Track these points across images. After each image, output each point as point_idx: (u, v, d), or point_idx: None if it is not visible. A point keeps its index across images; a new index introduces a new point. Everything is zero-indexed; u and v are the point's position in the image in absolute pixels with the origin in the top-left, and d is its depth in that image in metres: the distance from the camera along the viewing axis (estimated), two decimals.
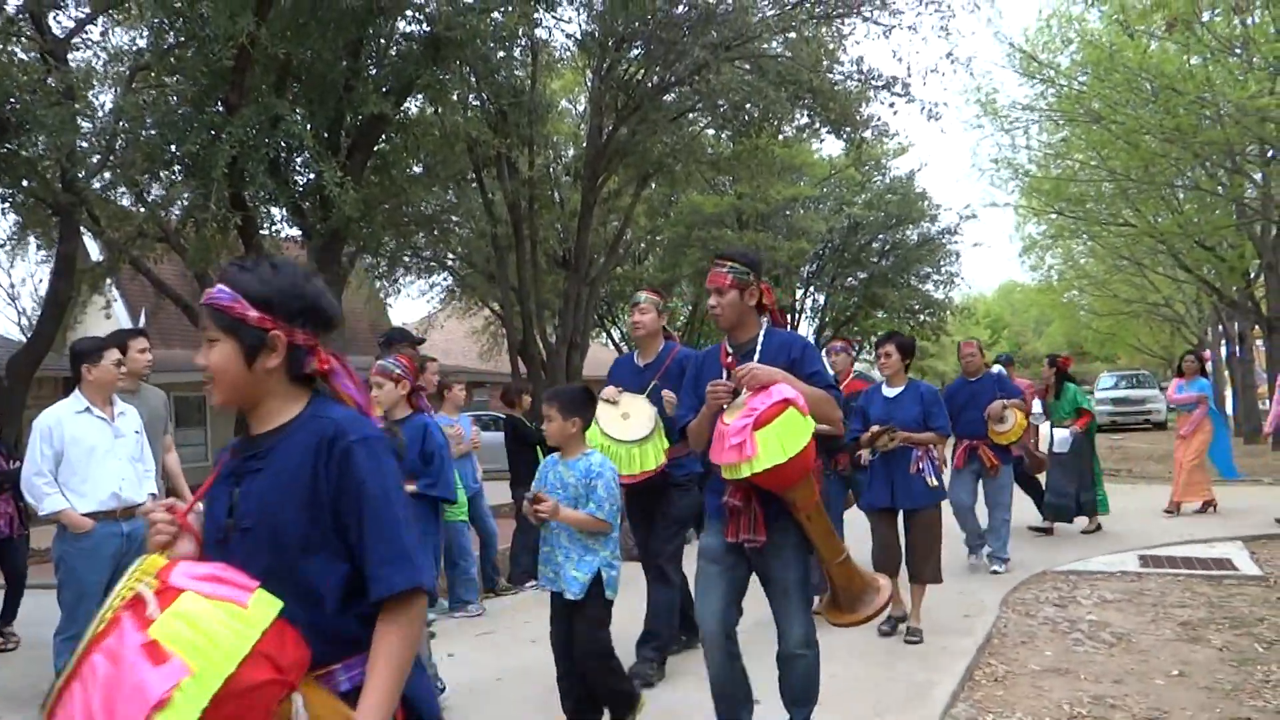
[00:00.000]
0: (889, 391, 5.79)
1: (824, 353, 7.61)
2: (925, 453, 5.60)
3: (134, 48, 11.43)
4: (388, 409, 4.36)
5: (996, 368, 8.40)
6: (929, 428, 5.64)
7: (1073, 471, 8.84)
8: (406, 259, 19.16)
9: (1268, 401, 19.93)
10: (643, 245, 24.00)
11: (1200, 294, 24.08)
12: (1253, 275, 19.58)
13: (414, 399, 4.44)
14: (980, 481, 7.58)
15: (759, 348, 3.59)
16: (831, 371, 7.65)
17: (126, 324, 15.38)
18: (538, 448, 7.87)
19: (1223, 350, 26.39)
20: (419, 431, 4.25)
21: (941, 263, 28.01)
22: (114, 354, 4.61)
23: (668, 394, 4.90)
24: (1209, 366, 10.48)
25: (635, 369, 5.17)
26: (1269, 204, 16.37)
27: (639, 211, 19.54)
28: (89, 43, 11.88)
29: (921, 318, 28.26)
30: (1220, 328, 25.43)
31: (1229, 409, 26.16)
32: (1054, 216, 20.46)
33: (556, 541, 3.92)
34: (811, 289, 28.87)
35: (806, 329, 29.23)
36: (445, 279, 21.74)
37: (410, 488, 3.95)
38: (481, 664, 5.34)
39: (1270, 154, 15.07)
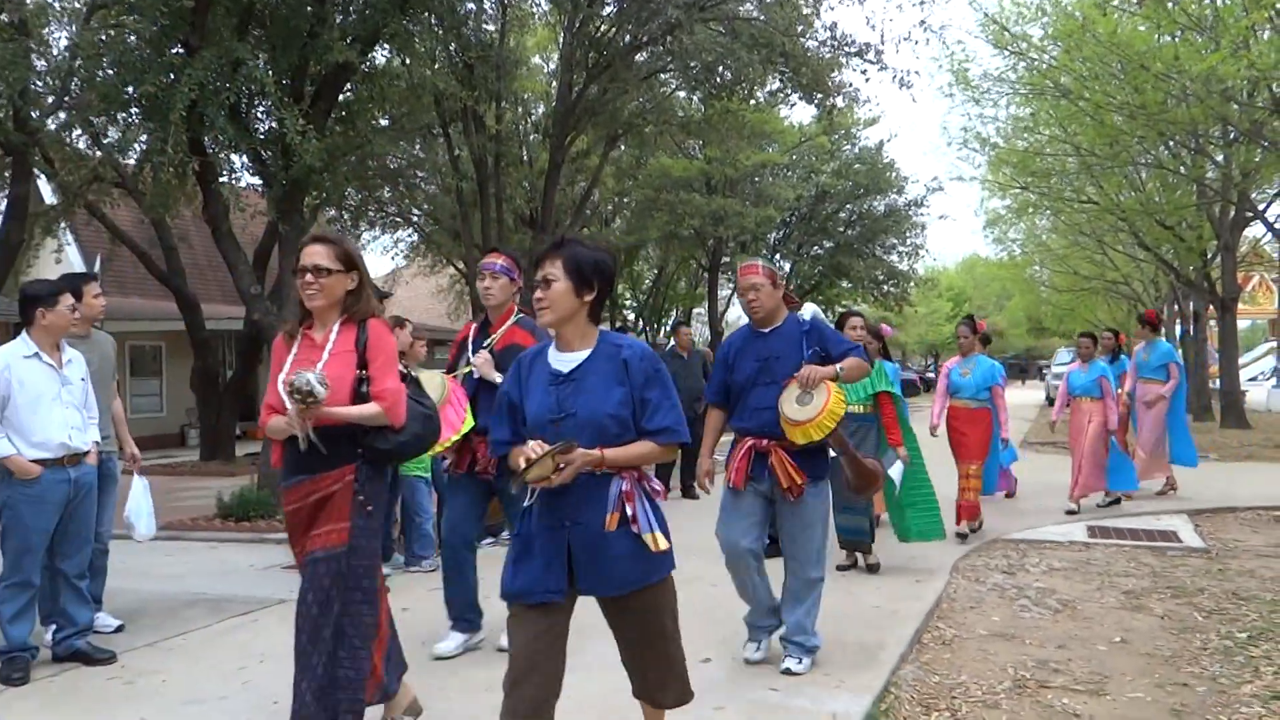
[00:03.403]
0: (564, 358, 2.90)
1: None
2: (636, 480, 2.85)
3: None
4: None
5: (809, 309, 4.74)
6: (644, 430, 2.85)
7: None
8: (371, 213, 18.91)
9: (1219, 381, 20.41)
10: (610, 207, 23.85)
11: (1158, 273, 24.49)
12: (1210, 256, 19.91)
13: None
14: (776, 511, 4.44)
15: None
16: (489, 301, 4.83)
17: (80, 269, 15.07)
18: None
19: (1177, 329, 26.87)
20: None
21: (907, 234, 28.22)
22: (69, 299, 4.51)
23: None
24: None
25: None
26: (1229, 185, 16.60)
27: (607, 173, 19.40)
28: None
29: (886, 288, 28.47)
30: (1176, 306, 25.87)
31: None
32: (1019, 191, 20.64)
33: None
34: (778, 257, 28.94)
35: None
36: (410, 234, 21.51)
37: None
38: (435, 619, 5.34)
39: (1233, 135, 15.26)
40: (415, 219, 19.98)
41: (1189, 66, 11.44)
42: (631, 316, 27.53)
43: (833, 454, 4.56)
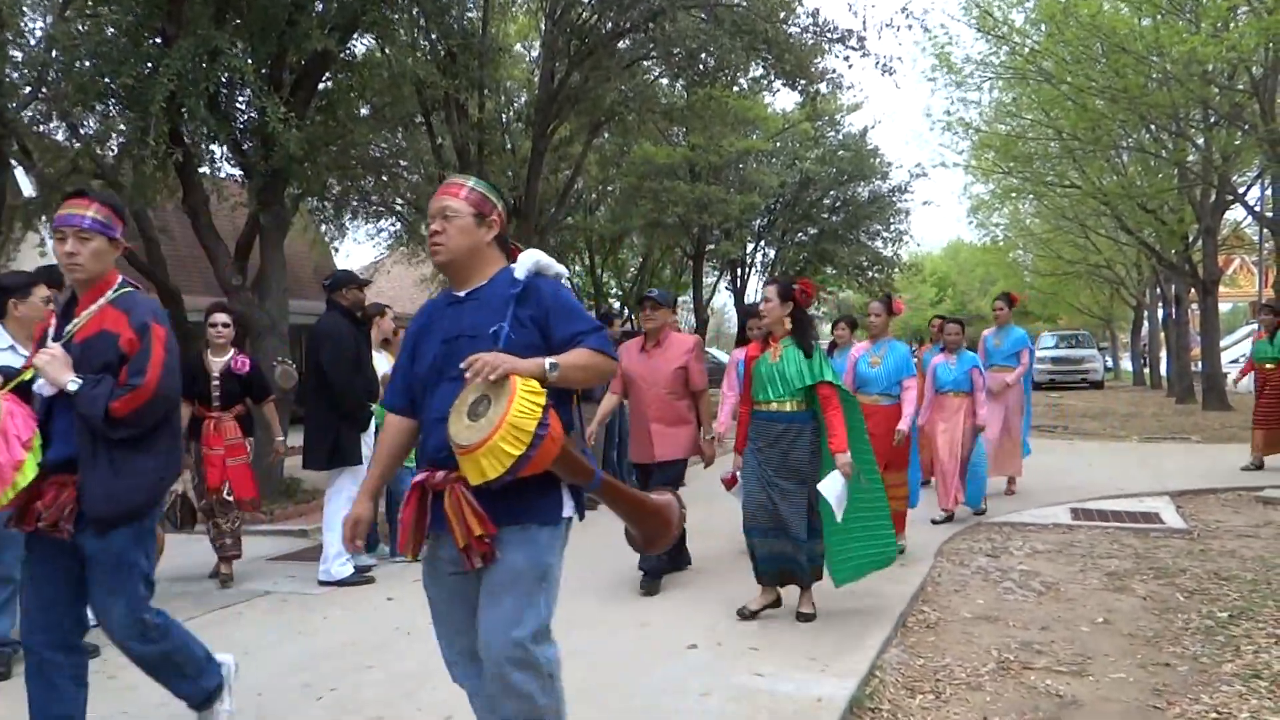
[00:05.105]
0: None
1: None
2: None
3: None
4: None
5: (529, 259, 2.85)
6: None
7: (799, 504, 4.89)
8: (353, 203, 18.79)
9: (1201, 364, 20.52)
10: (594, 195, 23.76)
11: (1140, 256, 24.61)
12: (1191, 239, 20.03)
13: None
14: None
15: None
16: (75, 275, 3.24)
17: None
18: None
19: (1160, 312, 27.03)
20: None
21: (891, 220, 28.20)
22: (43, 290, 4.48)
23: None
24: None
25: None
26: (1209, 168, 16.68)
27: (591, 161, 19.33)
28: None
29: (870, 274, 28.48)
30: (1158, 290, 26.01)
31: (1164, 370, 26.91)
32: (1002, 176, 20.72)
33: None
34: (762, 243, 28.93)
35: (756, 283, 29.28)
36: (393, 224, 21.39)
37: None
38: (420, 608, 5.33)
39: (1213, 118, 15.33)
40: (398, 208, 19.87)
41: (1170, 49, 11.49)
42: (617, 305, 27.46)
43: None
